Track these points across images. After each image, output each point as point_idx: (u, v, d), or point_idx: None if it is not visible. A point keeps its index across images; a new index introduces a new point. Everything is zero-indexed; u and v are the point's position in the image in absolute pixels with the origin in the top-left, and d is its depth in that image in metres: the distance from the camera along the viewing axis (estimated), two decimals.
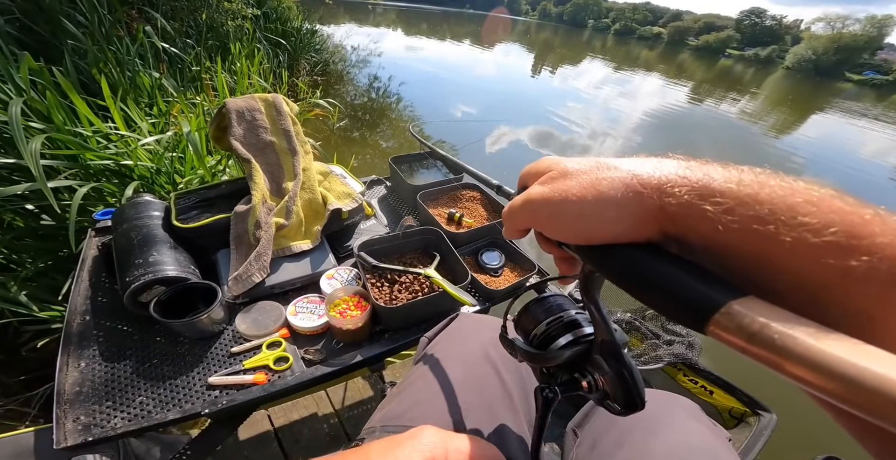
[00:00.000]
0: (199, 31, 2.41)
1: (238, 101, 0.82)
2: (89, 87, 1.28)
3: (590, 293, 0.25)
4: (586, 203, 0.21)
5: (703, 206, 0.17)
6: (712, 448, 0.39)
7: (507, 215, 0.27)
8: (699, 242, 0.18)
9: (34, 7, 1.36)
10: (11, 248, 0.95)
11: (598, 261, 0.22)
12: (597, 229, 0.20)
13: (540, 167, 0.26)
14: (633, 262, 0.20)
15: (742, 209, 0.16)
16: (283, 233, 0.75)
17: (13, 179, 0.90)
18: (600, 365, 0.25)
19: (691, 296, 0.16)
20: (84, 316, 0.64)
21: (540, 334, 0.31)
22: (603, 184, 0.20)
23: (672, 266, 0.18)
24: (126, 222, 0.67)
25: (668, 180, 0.19)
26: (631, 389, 0.24)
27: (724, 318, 0.15)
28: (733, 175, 0.17)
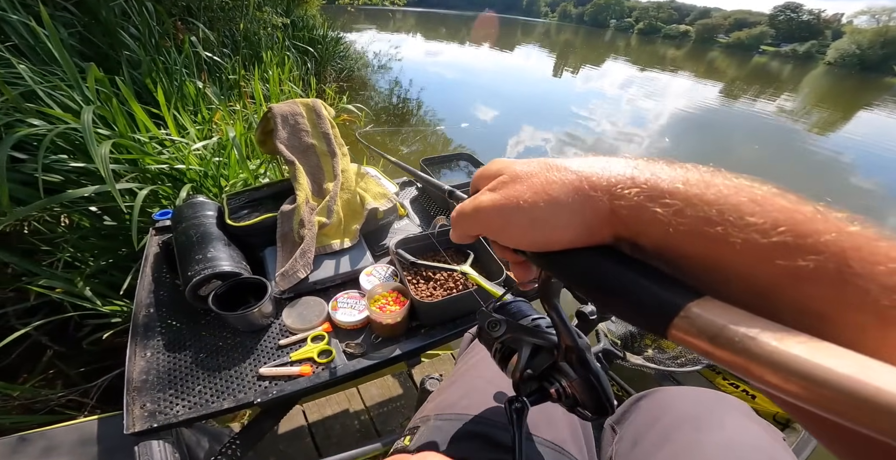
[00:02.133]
0: (235, 41, 2.54)
1: (282, 105, 0.87)
2: (142, 95, 1.38)
3: (549, 299, 0.25)
4: (538, 209, 0.20)
5: (654, 208, 0.17)
6: (768, 447, 0.38)
7: (457, 220, 0.26)
8: (651, 245, 0.18)
9: (92, 20, 1.48)
10: (77, 247, 1.03)
11: (554, 268, 0.21)
12: (551, 235, 0.20)
13: (490, 171, 0.25)
14: (587, 267, 0.19)
15: (691, 210, 0.16)
16: (325, 231, 0.78)
17: (80, 182, 0.98)
18: (566, 371, 0.25)
19: (649, 299, 0.16)
20: (148, 308, 0.69)
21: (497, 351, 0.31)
22: (553, 188, 0.20)
23: (627, 269, 0.18)
24: (185, 221, 0.73)
25: (616, 181, 0.18)
26: (599, 394, 0.24)
27: (683, 322, 0.15)
28: (679, 174, 0.17)
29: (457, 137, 3.87)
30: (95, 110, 0.91)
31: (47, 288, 0.92)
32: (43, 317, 0.97)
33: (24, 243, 1.03)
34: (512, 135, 4.39)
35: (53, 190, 0.93)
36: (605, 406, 0.24)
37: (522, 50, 15.45)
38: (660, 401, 0.47)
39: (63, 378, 1.07)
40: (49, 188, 0.92)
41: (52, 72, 1.06)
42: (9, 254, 0.91)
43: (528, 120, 5.02)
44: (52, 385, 1.04)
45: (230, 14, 2.64)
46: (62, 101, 0.98)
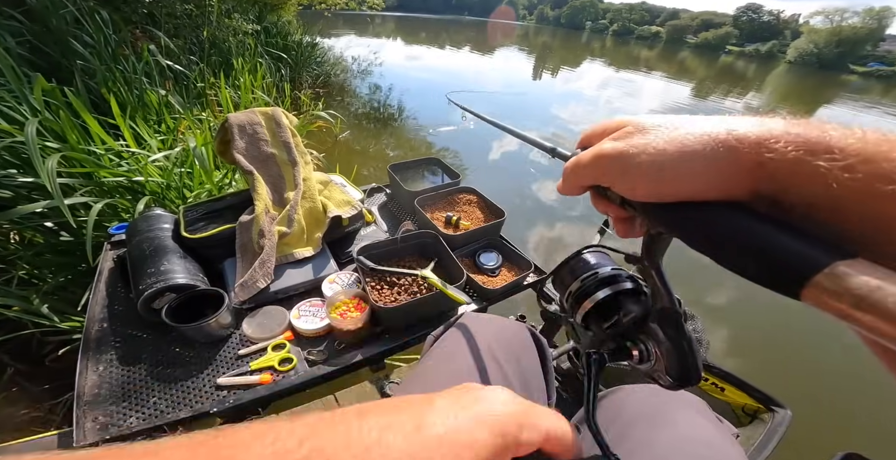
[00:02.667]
0: (202, 48, 2.49)
1: (239, 115, 0.87)
2: (99, 106, 1.34)
3: (653, 257, 0.23)
4: (666, 156, 0.19)
5: (815, 162, 0.16)
6: (716, 442, 0.39)
7: (571, 170, 0.25)
8: (801, 202, 0.16)
9: (42, 28, 1.43)
10: (33, 263, 0.99)
11: (672, 221, 0.20)
12: (676, 184, 0.19)
13: (610, 125, 0.24)
14: (716, 220, 0.18)
15: (865, 166, 0.15)
16: (286, 240, 0.78)
17: (32, 198, 0.94)
18: (656, 334, 0.23)
19: (789, 255, 0.15)
20: (102, 323, 0.67)
21: (575, 290, 0.29)
22: (689, 139, 0.19)
23: (765, 225, 0.17)
24: (139, 234, 0.71)
25: (771, 136, 0.17)
26: (689, 362, 0.22)
27: (827, 280, 0.14)
28: (857, 132, 0.16)
29: (439, 141, 3.89)
30: (43, 122, 0.88)
31: (2, 306, 0.89)
32: (3, 335, 0.93)
33: None
34: (495, 139, 4.44)
35: (3, 206, 0.89)
36: (690, 374, 0.23)
37: (502, 52, 15.66)
38: (617, 400, 0.48)
39: (28, 395, 1.04)
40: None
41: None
42: None
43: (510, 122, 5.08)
44: (15, 403, 1.00)
45: (196, 21, 2.59)
46: (7, 114, 0.95)
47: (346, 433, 0.17)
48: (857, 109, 10.66)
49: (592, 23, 71.49)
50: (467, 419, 0.19)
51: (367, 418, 0.18)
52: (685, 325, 0.23)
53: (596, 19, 73.05)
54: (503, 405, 0.20)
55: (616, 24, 65.24)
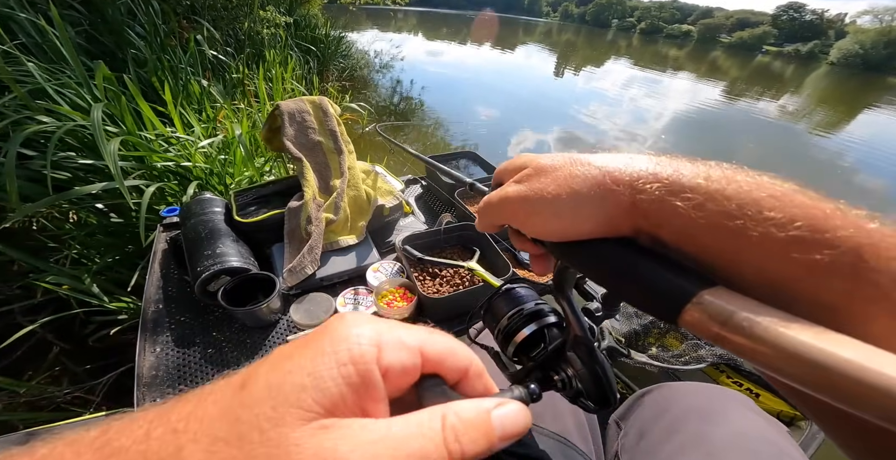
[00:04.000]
0: (238, 40, 2.55)
1: (289, 103, 0.88)
2: (148, 93, 1.39)
3: (563, 289, 0.26)
4: (561, 201, 0.21)
5: (674, 202, 0.17)
6: (773, 438, 0.38)
7: (484, 211, 0.27)
8: (670, 237, 0.18)
9: (99, 18, 1.49)
10: (84, 244, 1.04)
11: (572, 257, 0.22)
12: (572, 226, 0.21)
13: (515, 164, 0.26)
14: (606, 256, 0.20)
15: (711, 204, 0.16)
16: (332, 228, 0.79)
17: (88, 179, 0.98)
18: (573, 361, 0.25)
19: (663, 286, 0.17)
20: (157, 304, 0.69)
21: (503, 327, 0.31)
22: (577, 182, 0.21)
23: (644, 258, 0.18)
24: (193, 217, 0.73)
25: (639, 176, 0.19)
26: (604, 386, 0.24)
27: (695, 308, 0.15)
28: (702, 170, 0.18)
29: (458, 136, 3.87)
30: (104, 108, 0.92)
31: (54, 284, 0.93)
32: (49, 314, 0.97)
33: (32, 240, 1.03)
34: (514, 134, 4.39)
35: (61, 187, 0.93)
36: (608, 397, 0.24)
37: (524, 49, 15.44)
38: (665, 396, 0.48)
39: (69, 375, 1.07)
40: (57, 185, 0.92)
41: (61, 70, 1.06)
42: (16, 250, 0.92)
43: (529, 119, 5.02)
44: (59, 382, 1.04)
45: (234, 13, 2.65)
46: (71, 99, 0.99)
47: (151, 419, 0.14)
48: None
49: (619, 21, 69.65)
50: (303, 358, 0.14)
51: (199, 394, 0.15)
52: (597, 351, 0.25)
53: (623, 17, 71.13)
54: (349, 327, 0.15)
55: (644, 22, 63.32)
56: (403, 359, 0.16)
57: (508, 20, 52.17)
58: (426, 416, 0.14)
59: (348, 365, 0.14)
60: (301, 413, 0.13)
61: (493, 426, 0.15)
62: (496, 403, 0.16)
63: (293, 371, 0.14)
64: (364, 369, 0.14)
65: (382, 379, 0.15)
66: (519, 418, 0.16)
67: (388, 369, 0.15)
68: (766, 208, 0.15)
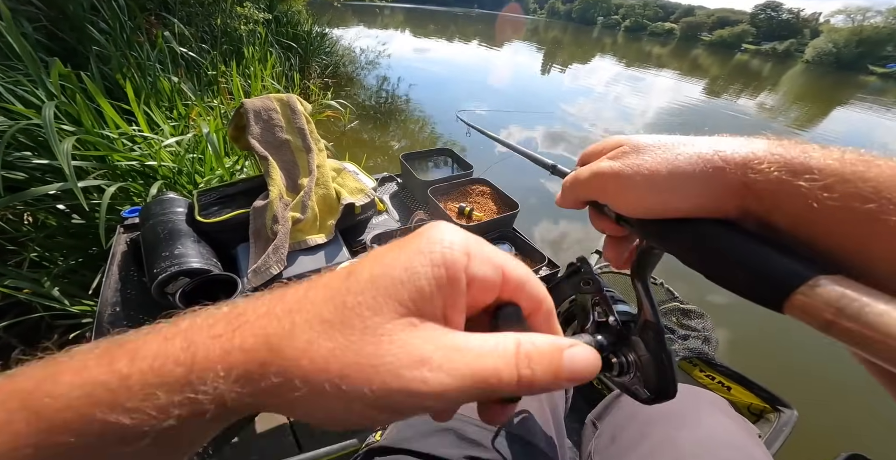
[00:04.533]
0: (214, 36, 2.48)
1: (255, 101, 0.86)
2: (113, 91, 1.34)
3: (642, 272, 0.24)
4: (660, 176, 0.20)
5: (796, 182, 0.16)
6: (742, 443, 0.38)
7: (570, 185, 0.26)
8: (785, 221, 0.17)
9: (60, 14, 1.43)
10: (44, 246, 1.00)
11: (665, 236, 0.21)
12: (669, 202, 0.20)
13: (608, 144, 0.25)
14: (706, 235, 0.19)
15: (842, 186, 0.15)
16: (299, 227, 0.77)
17: (46, 180, 0.95)
18: (637, 347, 0.24)
19: (773, 269, 0.16)
20: (114, 307, 0.67)
21: (564, 311, 0.30)
22: (680, 159, 0.20)
23: (752, 241, 0.17)
24: (153, 218, 0.71)
25: (755, 157, 0.18)
26: (667, 376, 0.23)
27: (809, 293, 0.14)
28: (835, 153, 0.17)
29: (445, 133, 3.86)
30: (59, 106, 0.88)
31: (13, 288, 0.89)
32: (11, 318, 0.94)
33: None
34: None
35: (17, 188, 0.90)
36: (668, 389, 0.23)
37: (511, 46, 15.47)
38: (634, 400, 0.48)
39: None
40: (12, 186, 0.88)
41: (15, 67, 1.02)
42: None
43: (517, 117, 5.04)
44: None
45: (209, 9, 2.58)
46: (25, 97, 0.95)
47: (270, 299, 0.15)
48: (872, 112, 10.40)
49: (604, 18, 70.47)
50: (402, 254, 0.16)
51: (310, 280, 0.16)
52: (667, 341, 0.23)
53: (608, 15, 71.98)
54: (444, 233, 0.16)
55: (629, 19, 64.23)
56: (488, 273, 0.16)
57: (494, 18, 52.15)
58: (503, 338, 0.15)
59: (441, 267, 0.15)
60: (396, 305, 0.14)
61: (564, 363, 0.15)
62: (570, 343, 0.16)
63: (392, 265, 0.15)
64: (454, 273, 0.15)
65: (467, 288, 0.16)
66: (589, 361, 0.16)
67: (474, 279, 0.16)
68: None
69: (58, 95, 0.95)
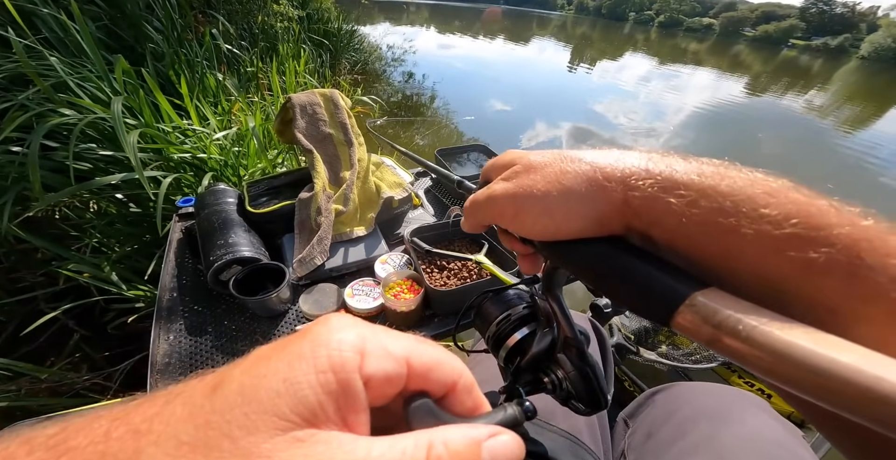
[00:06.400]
0: (252, 33, 2.57)
1: (300, 95, 0.88)
2: (165, 87, 1.41)
3: (552, 290, 0.25)
4: (550, 198, 0.20)
5: (668, 199, 0.17)
6: (787, 441, 0.37)
7: (470, 210, 0.26)
8: (663, 236, 0.18)
9: (118, 13, 1.52)
10: (104, 233, 1.07)
11: (562, 257, 0.21)
12: (561, 224, 0.20)
13: (503, 161, 0.25)
14: (597, 256, 0.19)
15: (705, 201, 0.16)
16: (341, 219, 0.79)
17: (108, 170, 1.01)
18: (563, 363, 0.25)
19: (656, 289, 0.16)
20: (172, 293, 0.71)
21: (493, 334, 0.30)
22: (567, 179, 0.20)
23: (636, 259, 0.18)
24: (207, 207, 0.75)
25: (631, 173, 0.19)
26: (594, 388, 0.24)
27: (688, 310, 0.15)
28: (694, 166, 0.17)
29: (470, 130, 3.85)
30: (123, 101, 0.94)
31: (75, 272, 0.96)
32: (70, 302, 1.00)
33: (55, 228, 1.07)
34: (526, 129, 4.35)
35: (83, 177, 0.96)
36: (599, 400, 0.24)
37: (537, 43, 15.18)
38: (676, 396, 0.47)
39: (89, 362, 1.10)
40: (78, 175, 0.95)
41: (82, 64, 1.09)
42: (39, 238, 0.95)
43: (542, 113, 4.95)
44: (78, 368, 1.07)
45: (248, 6, 2.67)
46: (92, 92, 1.02)
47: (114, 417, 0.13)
48: None
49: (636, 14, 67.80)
50: (280, 362, 0.13)
51: (168, 393, 0.14)
52: (588, 353, 0.24)
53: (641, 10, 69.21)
54: (331, 332, 0.14)
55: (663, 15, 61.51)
56: (387, 369, 0.14)
57: (522, 13, 51.29)
58: (411, 443, 0.13)
59: (328, 372, 0.13)
60: (276, 421, 0.12)
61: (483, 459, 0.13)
62: (489, 433, 0.14)
63: (268, 375, 0.13)
64: (344, 377, 0.13)
65: (365, 387, 0.13)
66: (512, 451, 0.14)
67: (371, 378, 0.14)
68: (762, 205, 0.15)
69: (122, 91, 1.02)
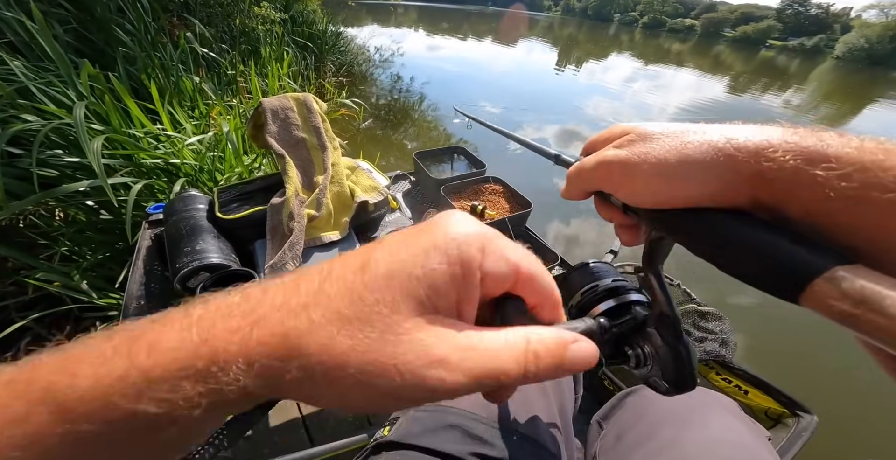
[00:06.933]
0: (233, 36, 2.54)
1: (272, 100, 0.87)
2: (138, 91, 1.39)
3: (653, 263, 0.23)
4: (668, 164, 0.19)
5: (813, 171, 0.16)
6: (751, 445, 0.37)
7: (574, 175, 0.25)
8: (800, 210, 0.16)
9: (88, 16, 1.49)
10: (74, 241, 1.04)
11: (674, 226, 0.20)
12: (678, 191, 0.19)
13: (614, 132, 0.24)
14: (718, 225, 0.18)
15: (861, 175, 0.15)
16: (314, 224, 0.79)
17: (76, 177, 0.99)
18: (654, 339, 0.23)
19: (788, 260, 0.15)
20: (139, 300, 0.70)
21: (576, 303, 0.29)
22: (689, 147, 0.19)
23: (765, 230, 0.17)
24: (176, 214, 0.73)
25: (769, 145, 0.17)
26: (686, 367, 0.22)
27: (826, 284, 0.14)
28: (853, 141, 0.16)
29: (458, 132, 3.86)
30: (89, 106, 0.92)
31: (44, 281, 0.93)
32: (42, 310, 0.98)
33: (22, 237, 1.04)
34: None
35: (49, 184, 0.94)
36: (686, 380, 0.23)
37: (525, 44, 15.32)
38: (646, 398, 0.47)
39: None
40: (44, 182, 0.93)
41: (47, 68, 1.07)
42: (7, 247, 0.92)
43: (531, 115, 4.99)
44: None
45: (228, 9, 2.63)
46: (56, 98, 0.99)
47: (284, 291, 0.15)
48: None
49: (621, 15, 69.02)
50: (418, 248, 0.16)
51: (321, 270, 0.16)
52: (683, 331, 0.23)
53: (625, 11, 70.47)
54: (459, 226, 0.16)
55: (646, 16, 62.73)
56: (502, 270, 0.17)
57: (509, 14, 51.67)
58: (513, 336, 0.16)
59: (456, 264, 0.15)
60: (413, 303, 0.15)
61: (566, 358, 0.16)
62: (573, 338, 0.17)
63: (408, 260, 0.15)
64: (468, 270, 0.16)
65: (480, 283, 0.16)
66: (589, 355, 0.17)
67: (487, 275, 0.16)
68: None
69: (87, 96, 0.99)
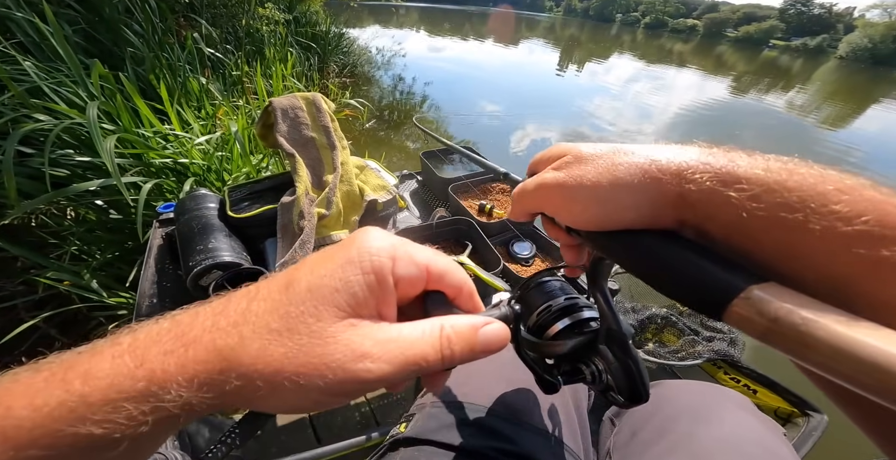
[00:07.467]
0: (238, 37, 2.55)
1: (282, 99, 0.88)
2: (146, 91, 1.39)
3: (597, 281, 0.25)
4: (601, 188, 0.20)
5: (727, 193, 0.17)
6: (765, 439, 0.37)
7: (518, 197, 0.26)
8: (719, 230, 0.17)
9: (96, 17, 1.50)
10: (84, 240, 1.05)
11: (610, 248, 0.21)
12: (611, 215, 0.20)
13: (553, 153, 0.25)
14: (648, 248, 0.19)
15: (769, 196, 0.16)
16: (324, 222, 0.79)
17: (87, 177, 0.99)
18: (605, 355, 0.25)
19: (709, 280, 0.16)
20: (152, 299, 0.70)
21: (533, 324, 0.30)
22: (620, 170, 0.20)
23: (690, 252, 0.18)
24: (187, 213, 0.74)
25: (688, 166, 0.18)
26: (635, 381, 0.24)
27: (744, 303, 0.15)
28: (760, 162, 0.17)
29: (460, 133, 3.87)
30: (100, 106, 0.92)
31: (55, 280, 0.94)
32: (51, 309, 0.98)
33: (33, 236, 1.05)
34: (516, 131, 4.38)
35: (60, 184, 0.94)
36: (639, 393, 0.24)
37: (527, 45, 15.32)
38: (660, 394, 0.47)
39: None
40: (56, 182, 0.93)
41: (58, 68, 1.07)
42: (17, 246, 0.93)
43: (532, 115, 4.99)
44: None
45: (232, 10, 2.65)
46: (67, 97, 1.00)
47: (214, 314, 0.17)
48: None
49: (623, 15, 68.94)
50: (335, 264, 0.18)
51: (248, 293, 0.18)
52: (630, 346, 0.24)
53: (627, 11, 70.41)
54: (371, 241, 0.19)
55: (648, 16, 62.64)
56: (412, 272, 0.19)
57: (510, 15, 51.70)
58: (428, 325, 0.18)
59: (370, 274, 0.17)
60: (335, 311, 0.16)
61: (478, 340, 0.18)
62: (484, 322, 0.19)
63: (327, 275, 0.17)
64: (382, 277, 0.18)
65: (394, 287, 0.18)
66: (499, 336, 0.19)
67: (400, 279, 0.18)
68: (832, 201, 0.14)
69: (98, 96, 1.00)
